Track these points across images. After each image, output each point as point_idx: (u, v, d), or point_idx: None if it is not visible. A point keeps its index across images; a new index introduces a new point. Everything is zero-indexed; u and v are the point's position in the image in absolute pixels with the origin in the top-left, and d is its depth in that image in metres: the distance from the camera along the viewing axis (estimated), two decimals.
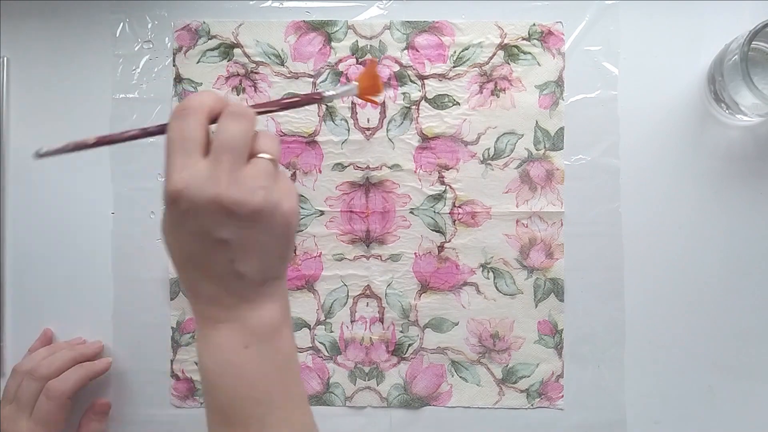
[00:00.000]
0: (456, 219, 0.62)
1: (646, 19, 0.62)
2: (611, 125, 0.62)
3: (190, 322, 0.62)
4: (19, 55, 0.63)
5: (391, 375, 0.62)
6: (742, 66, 0.54)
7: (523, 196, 0.62)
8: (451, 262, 0.62)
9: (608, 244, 0.61)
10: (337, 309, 0.62)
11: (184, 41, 0.63)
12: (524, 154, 0.62)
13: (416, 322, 0.62)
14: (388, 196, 0.62)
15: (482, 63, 0.62)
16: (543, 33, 0.62)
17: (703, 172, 0.62)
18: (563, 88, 0.62)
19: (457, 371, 0.62)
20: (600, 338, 0.61)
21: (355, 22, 0.63)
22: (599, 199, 0.62)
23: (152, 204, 0.62)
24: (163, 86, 0.63)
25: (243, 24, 0.63)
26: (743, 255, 0.61)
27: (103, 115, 0.62)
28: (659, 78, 0.62)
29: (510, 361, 0.62)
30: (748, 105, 0.57)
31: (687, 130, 0.62)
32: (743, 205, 0.61)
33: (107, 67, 0.63)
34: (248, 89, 0.62)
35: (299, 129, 0.62)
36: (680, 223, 0.62)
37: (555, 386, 0.62)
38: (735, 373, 0.61)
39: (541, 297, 0.62)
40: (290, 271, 0.62)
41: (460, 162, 0.62)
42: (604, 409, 0.61)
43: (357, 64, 0.62)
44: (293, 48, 0.63)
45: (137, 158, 0.63)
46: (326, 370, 0.62)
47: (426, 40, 0.62)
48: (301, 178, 0.62)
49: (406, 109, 0.62)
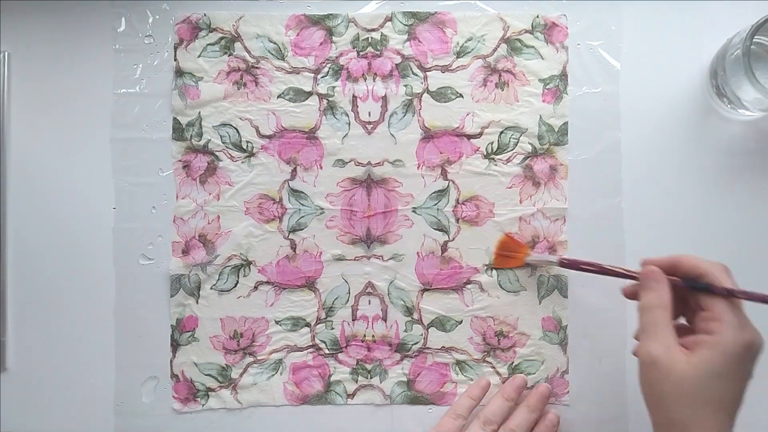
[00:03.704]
0: (459, 217, 0.62)
1: (649, 13, 0.62)
2: (613, 120, 0.62)
3: (189, 320, 0.61)
4: (19, 50, 0.63)
5: (394, 372, 0.61)
6: (745, 60, 0.54)
7: (526, 191, 0.62)
8: (455, 263, 0.62)
9: (610, 240, 0.61)
10: (339, 307, 0.62)
11: (185, 35, 0.63)
12: (528, 149, 0.62)
13: (420, 321, 0.62)
14: (390, 195, 0.62)
15: (486, 54, 0.62)
16: (546, 26, 0.62)
17: (705, 167, 0.61)
18: (567, 83, 0.62)
19: (462, 370, 0.61)
20: (601, 333, 0.61)
21: (355, 14, 0.63)
22: (601, 195, 0.62)
23: (154, 199, 0.62)
24: (164, 81, 0.62)
25: (243, 17, 0.63)
26: (745, 250, 0.61)
27: (104, 110, 0.62)
28: (661, 73, 0.62)
29: (515, 359, 0.61)
30: (750, 100, 0.57)
31: (689, 125, 0.62)
32: (745, 200, 0.61)
33: (108, 62, 0.63)
34: (249, 84, 0.62)
35: (300, 124, 0.62)
36: (682, 218, 0.61)
37: (560, 382, 0.61)
38: None
39: (545, 294, 0.61)
40: (290, 271, 0.62)
41: (463, 156, 0.62)
42: (606, 404, 0.60)
43: (357, 58, 0.62)
44: (293, 42, 0.63)
45: (138, 153, 0.62)
46: (327, 367, 0.62)
47: (428, 31, 0.62)
48: (301, 174, 0.62)
49: (408, 102, 0.62)
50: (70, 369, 0.62)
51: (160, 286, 0.62)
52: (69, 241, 0.62)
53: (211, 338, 0.62)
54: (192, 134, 0.62)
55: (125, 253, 0.62)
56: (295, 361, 0.62)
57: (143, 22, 0.63)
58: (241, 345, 0.62)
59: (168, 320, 0.62)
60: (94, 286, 0.62)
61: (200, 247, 0.62)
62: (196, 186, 0.62)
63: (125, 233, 0.62)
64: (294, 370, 0.62)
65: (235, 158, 0.62)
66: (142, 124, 0.62)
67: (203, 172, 0.62)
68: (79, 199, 0.62)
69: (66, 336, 0.62)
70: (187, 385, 0.61)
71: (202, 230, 0.62)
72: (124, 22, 0.63)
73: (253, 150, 0.62)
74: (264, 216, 0.62)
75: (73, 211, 0.62)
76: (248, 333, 0.62)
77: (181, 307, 0.62)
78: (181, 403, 0.61)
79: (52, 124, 0.63)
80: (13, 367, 0.62)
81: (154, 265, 0.62)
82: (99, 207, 0.62)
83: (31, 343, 0.62)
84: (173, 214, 0.62)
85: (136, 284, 0.62)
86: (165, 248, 0.62)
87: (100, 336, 0.61)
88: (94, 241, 0.62)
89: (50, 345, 0.62)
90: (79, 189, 0.62)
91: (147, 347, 0.62)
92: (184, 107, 0.62)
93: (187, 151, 0.62)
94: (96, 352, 0.61)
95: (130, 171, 0.62)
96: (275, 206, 0.62)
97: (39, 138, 0.63)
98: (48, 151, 0.63)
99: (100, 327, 0.61)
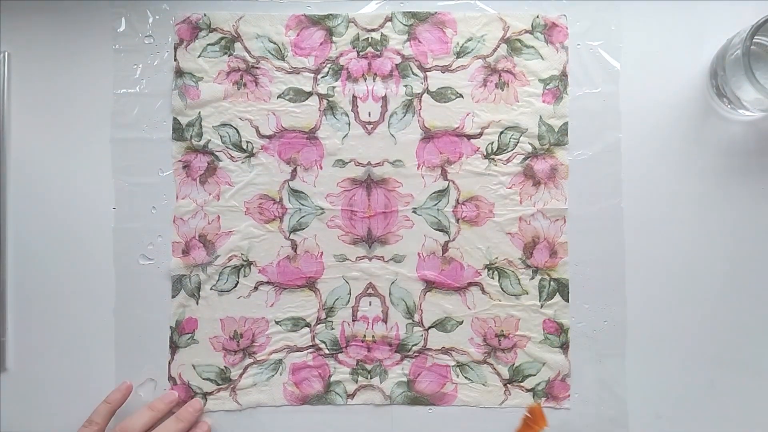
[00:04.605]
0: (459, 217, 0.62)
1: (649, 13, 0.62)
2: (613, 120, 0.62)
3: (189, 322, 0.61)
4: (20, 51, 0.63)
5: (395, 372, 0.61)
6: (745, 61, 0.54)
7: (526, 191, 0.62)
8: (456, 263, 0.62)
9: (610, 240, 0.61)
10: (339, 307, 0.62)
11: (185, 35, 0.63)
12: (528, 149, 0.62)
13: (420, 323, 0.62)
14: (390, 195, 0.62)
15: (486, 54, 0.62)
16: (546, 26, 0.62)
17: (705, 167, 0.62)
18: (567, 83, 0.62)
19: (462, 372, 0.61)
20: (601, 333, 0.61)
21: (356, 14, 0.63)
22: (601, 195, 0.61)
23: (154, 199, 0.62)
24: (164, 81, 0.63)
25: (243, 17, 0.63)
26: (745, 250, 0.61)
27: (104, 111, 0.62)
28: (661, 73, 0.62)
29: (516, 360, 0.61)
30: (750, 100, 0.57)
31: (689, 125, 0.62)
32: (745, 200, 0.61)
33: (108, 62, 0.63)
34: (249, 84, 0.62)
35: (300, 124, 0.62)
36: (682, 218, 0.61)
37: (562, 386, 0.61)
38: (736, 368, 0.60)
39: (547, 298, 0.61)
40: (290, 271, 0.62)
41: (463, 157, 0.62)
42: (605, 404, 0.60)
43: (357, 58, 0.62)
44: (293, 42, 0.63)
45: (138, 153, 0.62)
46: (327, 368, 0.62)
47: (428, 31, 0.62)
48: (301, 174, 0.62)
49: (408, 102, 0.62)
50: (70, 369, 0.61)
51: (160, 287, 0.62)
52: (69, 241, 0.62)
53: (211, 339, 0.61)
54: (192, 134, 0.62)
55: (125, 253, 0.62)
56: (295, 361, 0.62)
57: (143, 22, 0.63)
58: (241, 345, 0.61)
59: (167, 321, 0.62)
60: (94, 286, 0.62)
61: (200, 247, 0.62)
62: (196, 186, 0.62)
63: (125, 233, 0.62)
64: (294, 371, 0.61)
65: (235, 158, 0.62)
66: (142, 124, 0.62)
67: (203, 172, 0.62)
68: (79, 199, 0.62)
69: (66, 336, 0.62)
70: (185, 388, 0.61)
71: (202, 230, 0.62)
72: (124, 22, 0.63)
73: (253, 150, 0.62)
74: (264, 216, 0.62)
75: (73, 211, 0.62)
76: (248, 333, 0.62)
77: (181, 308, 0.62)
78: (177, 407, 0.61)
79: (52, 124, 0.63)
80: (13, 367, 0.62)
81: (154, 265, 0.62)
82: (99, 207, 0.62)
83: (31, 343, 0.62)
84: (173, 214, 0.62)
85: (136, 284, 0.62)
86: (165, 248, 0.62)
87: (100, 336, 0.61)
88: (94, 241, 0.62)
89: (50, 345, 0.62)
90: (79, 189, 0.62)
91: (146, 348, 0.61)
92: (184, 107, 0.62)
93: (187, 151, 0.62)
94: (96, 352, 0.61)
95: (130, 171, 0.62)
96: (275, 206, 0.62)
97: (39, 138, 0.63)
98: (48, 151, 0.63)
99: (100, 327, 0.61)
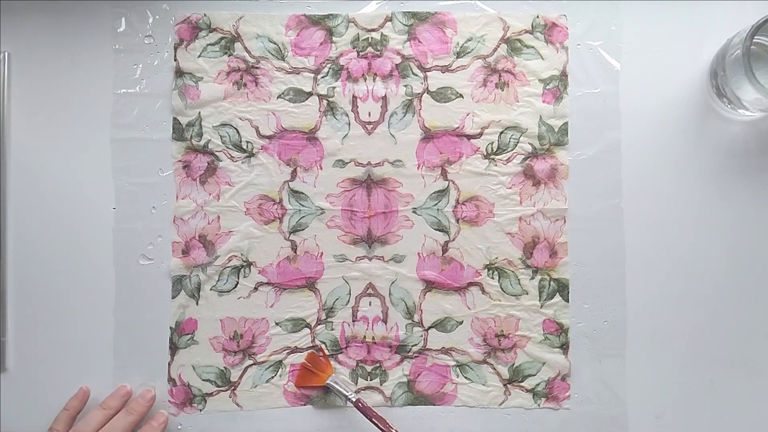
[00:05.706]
0: (459, 217, 0.62)
1: (649, 13, 0.62)
2: (613, 120, 0.62)
3: (189, 323, 0.61)
4: (20, 51, 0.63)
5: (395, 373, 0.61)
6: (744, 61, 0.54)
7: (526, 192, 0.62)
8: (456, 263, 0.62)
9: (610, 240, 0.61)
10: (339, 308, 0.62)
11: (185, 35, 0.63)
12: (528, 149, 0.62)
13: (420, 323, 0.61)
14: (390, 195, 0.62)
15: (486, 54, 0.62)
16: (546, 26, 0.62)
17: (705, 167, 0.61)
18: (567, 83, 0.62)
19: (462, 372, 0.61)
20: (601, 333, 0.61)
21: (356, 14, 0.63)
22: (601, 195, 0.61)
23: (154, 199, 0.62)
24: (164, 81, 0.63)
25: (243, 17, 0.63)
26: (744, 249, 0.61)
27: (104, 111, 0.62)
28: (661, 73, 0.62)
29: (516, 360, 0.61)
30: (750, 100, 0.57)
31: (689, 125, 0.62)
32: (745, 200, 0.61)
33: (108, 62, 0.63)
34: (249, 84, 0.62)
35: (300, 124, 0.62)
36: (682, 218, 0.61)
37: (562, 386, 0.61)
38: (736, 368, 0.60)
39: (547, 298, 0.61)
40: (290, 272, 0.62)
41: (463, 157, 0.62)
42: (605, 404, 0.60)
43: (357, 58, 0.62)
44: (293, 42, 0.63)
45: (138, 153, 0.62)
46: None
47: (428, 31, 0.62)
48: (301, 175, 0.62)
49: (408, 102, 0.62)
50: (70, 369, 0.61)
51: (160, 287, 0.62)
52: (69, 241, 0.62)
53: (211, 339, 0.61)
54: (192, 134, 0.62)
55: (125, 253, 0.62)
56: (295, 362, 0.61)
57: (143, 22, 0.63)
58: (241, 346, 0.61)
59: (167, 321, 0.62)
60: (94, 286, 0.62)
61: (200, 247, 0.62)
62: (196, 186, 0.62)
63: (125, 233, 0.62)
64: (294, 372, 0.61)
65: (235, 158, 0.62)
66: (142, 125, 0.62)
67: (203, 173, 0.62)
68: (79, 199, 0.62)
69: (66, 336, 0.62)
70: (184, 389, 0.61)
71: (202, 230, 0.62)
72: (124, 22, 0.63)
73: (253, 150, 0.62)
74: (264, 217, 0.62)
75: (73, 211, 0.62)
76: (248, 334, 0.61)
77: (181, 309, 0.61)
78: (178, 408, 0.61)
79: (52, 124, 0.63)
80: (13, 367, 0.62)
81: (154, 265, 0.62)
82: (99, 207, 0.62)
83: (31, 343, 0.62)
84: (173, 215, 0.62)
85: (136, 284, 0.62)
86: (165, 248, 0.62)
87: (99, 336, 0.61)
88: (94, 241, 0.62)
89: (50, 345, 0.62)
90: (79, 189, 0.62)
91: (146, 348, 0.61)
92: (184, 107, 0.62)
93: (187, 151, 0.62)
94: (96, 352, 0.61)
95: (130, 171, 0.62)
96: (275, 207, 0.62)
97: (39, 138, 0.63)
98: (48, 151, 0.63)
99: (99, 327, 0.61)
